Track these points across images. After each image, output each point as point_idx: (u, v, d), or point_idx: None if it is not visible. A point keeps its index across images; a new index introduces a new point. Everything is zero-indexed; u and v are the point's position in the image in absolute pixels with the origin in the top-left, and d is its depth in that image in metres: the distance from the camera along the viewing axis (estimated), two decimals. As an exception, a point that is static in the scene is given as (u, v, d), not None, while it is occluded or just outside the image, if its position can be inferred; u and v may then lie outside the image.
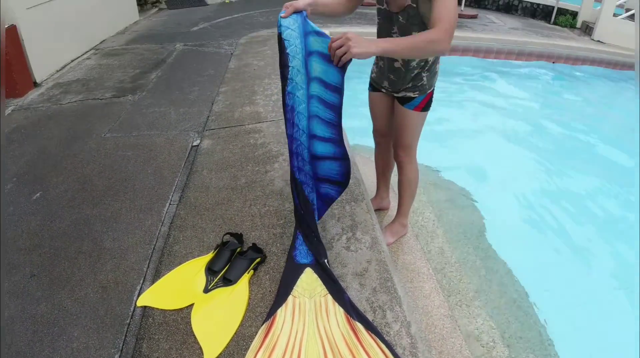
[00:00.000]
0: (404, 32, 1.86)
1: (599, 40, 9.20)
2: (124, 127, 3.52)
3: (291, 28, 1.63)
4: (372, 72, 2.33)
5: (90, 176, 2.82)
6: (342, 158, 1.91)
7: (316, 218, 1.96)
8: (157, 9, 9.21)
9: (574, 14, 10.50)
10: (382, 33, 2.00)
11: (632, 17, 9.42)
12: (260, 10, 9.19)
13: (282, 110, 1.75)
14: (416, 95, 2.09)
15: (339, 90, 1.75)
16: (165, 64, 5.20)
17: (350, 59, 1.54)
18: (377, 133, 2.54)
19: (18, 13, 4.30)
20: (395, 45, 1.54)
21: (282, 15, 1.64)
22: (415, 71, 2.03)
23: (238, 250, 2.02)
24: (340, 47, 1.47)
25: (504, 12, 11.46)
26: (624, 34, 9.04)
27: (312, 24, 1.71)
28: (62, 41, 5.28)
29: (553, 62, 7.98)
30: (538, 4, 11.18)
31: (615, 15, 9.36)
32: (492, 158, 4.44)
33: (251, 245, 2.06)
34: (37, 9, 4.71)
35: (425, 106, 2.15)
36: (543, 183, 4.12)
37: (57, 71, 5.07)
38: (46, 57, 4.91)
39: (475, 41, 7.82)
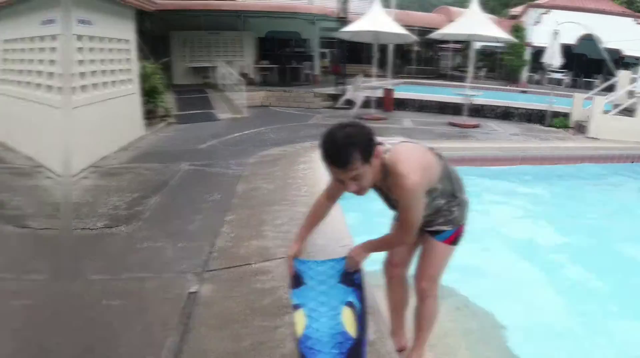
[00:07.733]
0: None
1: (594, 137, 9.92)
2: (113, 267, 3.21)
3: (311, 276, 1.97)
4: None
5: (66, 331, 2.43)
6: None
7: None
8: (165, 123, 9.22)
9: (566, 115, 11.45)
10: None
11: (622, 112, 10.33)
12: (271, 126, 9.33)
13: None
14: (448, 228, 2.14)
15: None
16: (167, 187, 4.99)
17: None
18: (391, 265, 2.42)
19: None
20: (376, 246, 1.98)
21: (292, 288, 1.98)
22: (440, 204, 2.07)
23: None
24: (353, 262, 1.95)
25: (502, 119, 12.41)
26: (616, 128, 9.87)
27: (313, 264, 2.02)
28: (61, 159, 5.09)
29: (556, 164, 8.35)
30: (532, 109, 12.31)
31: (605, 112, 10.18)
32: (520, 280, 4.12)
33: None
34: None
35: (455, 239, 2.18)
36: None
37: (52, 192, 4.82)
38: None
39: (479, 151, 8.20)
